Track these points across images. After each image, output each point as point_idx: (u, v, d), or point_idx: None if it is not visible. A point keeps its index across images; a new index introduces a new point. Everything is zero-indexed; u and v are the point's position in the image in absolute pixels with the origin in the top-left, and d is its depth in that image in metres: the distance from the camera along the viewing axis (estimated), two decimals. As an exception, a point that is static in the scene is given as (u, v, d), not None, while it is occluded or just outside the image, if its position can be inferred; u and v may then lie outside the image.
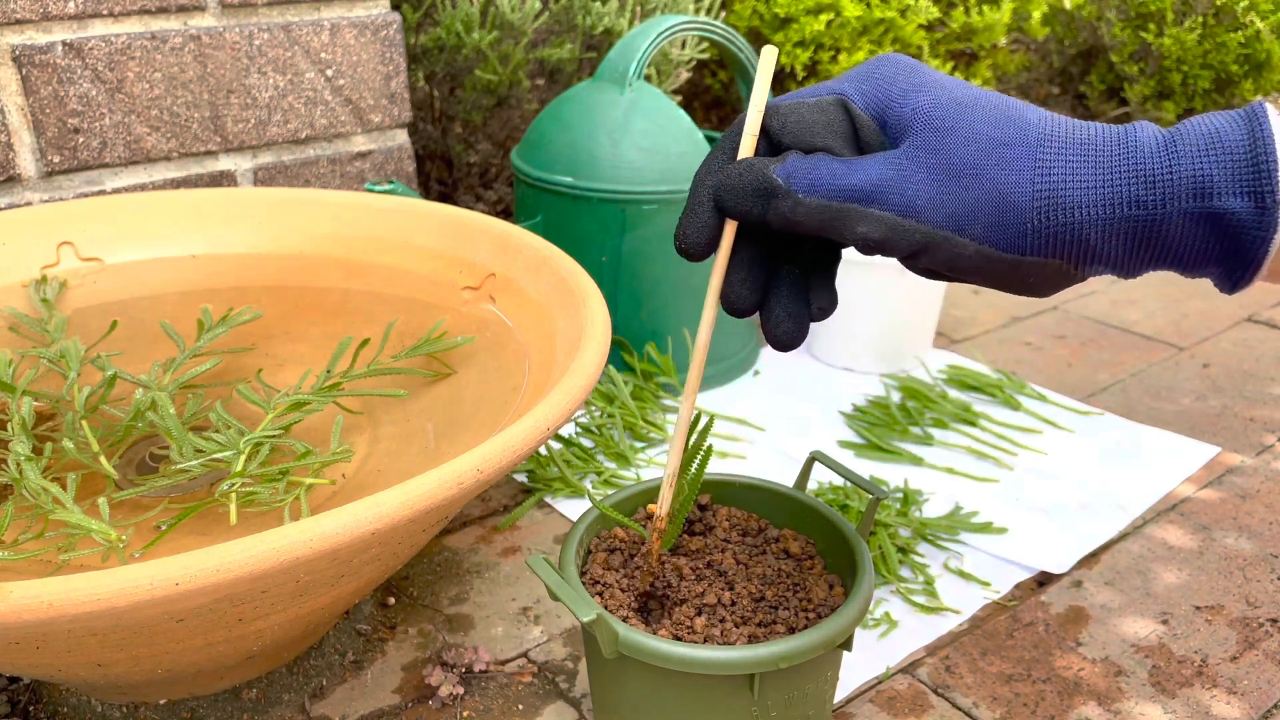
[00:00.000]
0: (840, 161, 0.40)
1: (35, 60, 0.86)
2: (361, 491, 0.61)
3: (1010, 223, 0.38)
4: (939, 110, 0.39)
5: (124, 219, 0.80)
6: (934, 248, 0.39)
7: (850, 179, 0.39)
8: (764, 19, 1.49)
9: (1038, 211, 0.38)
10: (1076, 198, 0.37)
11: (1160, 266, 0.39)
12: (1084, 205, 0.37)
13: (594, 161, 0.91)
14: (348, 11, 1.01)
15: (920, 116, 0.39)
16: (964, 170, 0.38)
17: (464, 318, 0.73)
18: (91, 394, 0.64)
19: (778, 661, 0.45)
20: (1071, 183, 0.37)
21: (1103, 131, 0.38)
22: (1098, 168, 0.37)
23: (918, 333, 1.02)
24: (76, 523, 0.53)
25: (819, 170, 0.39)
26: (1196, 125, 0.37)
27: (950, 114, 0.39)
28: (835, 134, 0.40)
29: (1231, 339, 1.12)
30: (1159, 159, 0.37)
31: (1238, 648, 0.67)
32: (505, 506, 0.82)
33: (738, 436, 0.91)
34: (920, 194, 0.38)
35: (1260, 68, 1.84)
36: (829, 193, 0.39)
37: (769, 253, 0.44)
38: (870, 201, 0.39)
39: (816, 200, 0.39)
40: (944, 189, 0.38)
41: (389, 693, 0.62)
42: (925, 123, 0.39)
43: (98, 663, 0.47)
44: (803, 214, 0.39)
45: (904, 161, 0.39)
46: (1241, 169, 0.36)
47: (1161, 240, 0.37)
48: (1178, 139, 0.37)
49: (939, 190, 0.38)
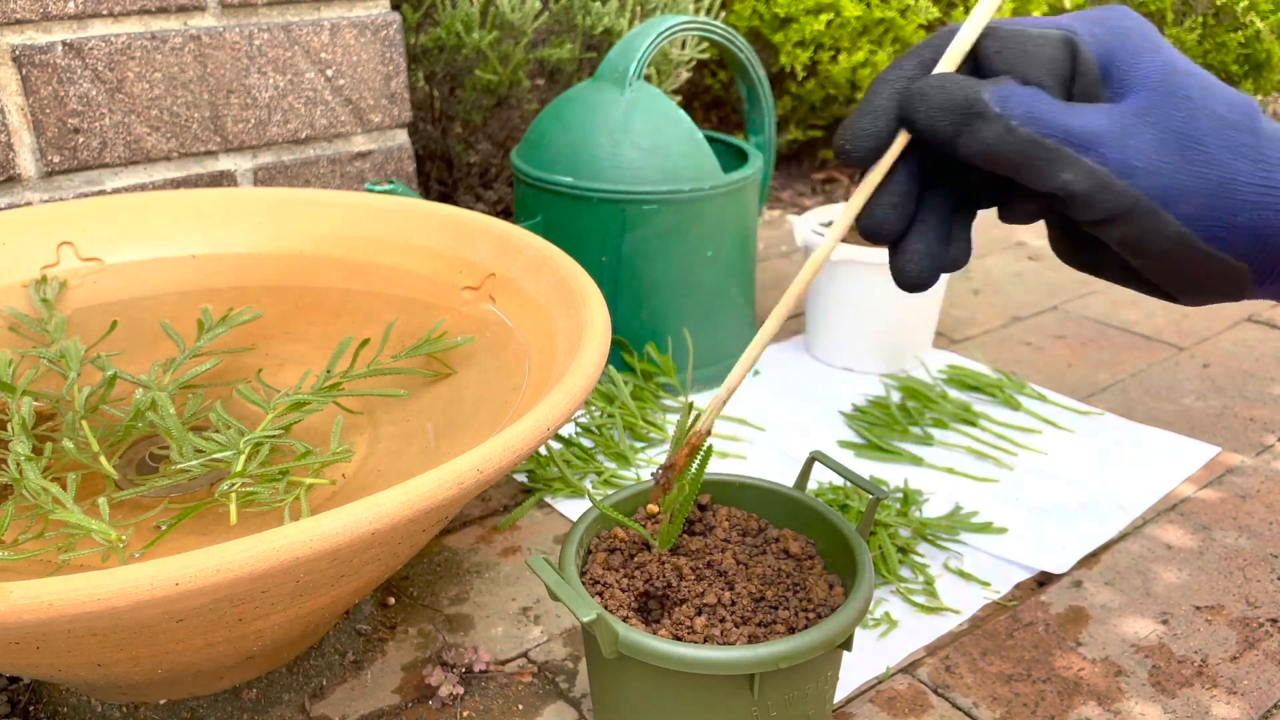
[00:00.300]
0: (1059, 101, 0.37)
1: (35, 60, 0.86)
2: (361, 491, 0.62)
3: (1222, 209, 0.36)
4: (1176, 77, 0.37)
5: (124, 219, 0.80)
6: (1134, 217, 0.36)
7: (1071, 120, 0.36)
8: (764, 19, 1.49)
9: (1253, 205, 0.35)
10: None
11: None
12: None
13: (594, 161, 0.91)
14: (348, 11, 1.01)
15: (1154, 76, 0.36)
16: (1192, 143, 0.36)
17: (464, 318, 0.73)
18: (91, 394, 0.64)
19: (778, 661, 0.45)
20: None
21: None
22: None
23: (918, 333, 1.02)
24: (76, 523, 0.53)
25: (1038, 102, 0.36)
26: None
27: (1187, 83, 0.36)
28: (1053, 73, 0.37)
29: (1231, 339, 1.12)
30: None
31: (1238, 648, 0.67)
32: (505, 506, 0.82)
33: (738, 436, 0.91)
34: (1141, 155, 0.36)
35: (1260, 68, 1.84)
36: (1045, 128, 0.36)
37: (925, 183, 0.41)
38: (1086, 149, 0.36)
39: (1028, 133, 0.36)
40: (1167, 157, 0.36)
41: (389, 693, 0.62)
42: (1160, 85, 0.36)
43: (98, 663, 0.47)
44: (1010, 146, 0.36)
45: (1130, 119, 0.36)
46: None
47: None
48: None
49: (1162, 157, 0.36)
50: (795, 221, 1.01)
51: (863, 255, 0.95)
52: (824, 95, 1.54)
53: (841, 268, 0.97)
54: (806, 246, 1.00)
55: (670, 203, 0.90)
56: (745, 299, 1.01)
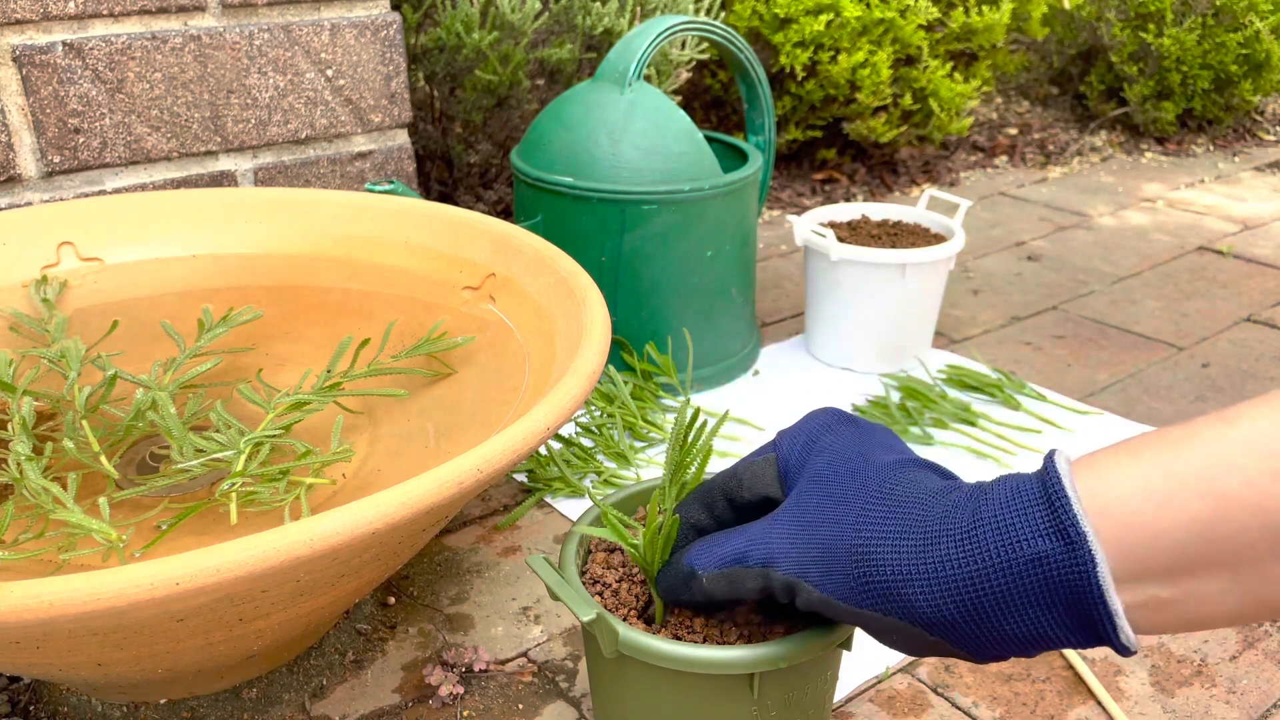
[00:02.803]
0: (731, 532, 0.45)
1: (35, 60, 0.86)
2: (362, 491, 0.62)
3: (838, 574, 0.40)
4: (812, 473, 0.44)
5: (124, 219, 0.80)
6: (797, 592, 0.42)
7: (730, 544, 0.44)
8: (764, 19, 1.49)
9: (855, 565, 0.39)
10: (884, 554, 0.39)
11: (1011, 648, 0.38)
12: (893, 562, 0.38)
13: (594, 161, 0.91)
14: (348, 12, 1.01)
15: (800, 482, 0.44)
16: (809, 524, 0.42)
17: (464, 318, 0.74)
18: (92, 394, 0.65)
19: (777, 661, 0.45)
20: (880, 537, 0.39)
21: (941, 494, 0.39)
22: (908, 525, 0.39)
23: (917, 333, 1.02)
24: (77, 522, 0.53)
25: (710, 547, 0.45)
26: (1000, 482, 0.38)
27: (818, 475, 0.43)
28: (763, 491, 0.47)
29: (1231, 339, 1.12)
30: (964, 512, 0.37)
31: (1237, 648, 0.67)
32: (505, 506, 0.82)
33: (738, 436, 0.91)
34: (777, 546, 0.43)
35: (1259, 68, 1.84)
36: (717, 562, 0.44)
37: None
38: (746, 560, 0.43)
39: (713, 573, 0.44)
40: (794, 541, 0.42)
41: (389, 692, 0.63)
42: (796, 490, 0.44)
43: (98, 662, 0.47)
44: (712, 589, 0.45)
45: (775, 518, 0.44)
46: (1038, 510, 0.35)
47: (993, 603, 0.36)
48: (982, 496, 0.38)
49: (791, 542, 0.42)
50: (795, 221, 1.02)
51: (863, 255, 0.95)
52: (824, 95, 1.54)
53: (842, 268, 0.97)
54: (806, 246, 1.00)
55: (670, 203, 0.90)
56: (745, 299, 1.01)
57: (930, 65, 1.56)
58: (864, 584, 0.39)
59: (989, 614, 0.37)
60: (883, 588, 0.39)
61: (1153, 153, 1.89)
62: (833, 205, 1.10)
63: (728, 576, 0.44)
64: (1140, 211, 1.55)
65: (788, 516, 0.43)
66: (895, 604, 0.39)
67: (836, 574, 0.40)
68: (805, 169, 1.69)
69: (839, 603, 0.40)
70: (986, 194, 1.63)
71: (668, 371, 0.95)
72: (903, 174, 1.69)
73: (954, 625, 0.38)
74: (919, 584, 0.38)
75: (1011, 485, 0.37)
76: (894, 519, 0.39)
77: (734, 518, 0.48)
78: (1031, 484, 0.37)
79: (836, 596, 0.40)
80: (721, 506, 0.48)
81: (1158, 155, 1.87)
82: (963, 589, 0.37)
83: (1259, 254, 1.37)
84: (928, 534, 0.38)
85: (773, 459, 0.47)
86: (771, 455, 0.47)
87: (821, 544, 0.41)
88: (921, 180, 1.67)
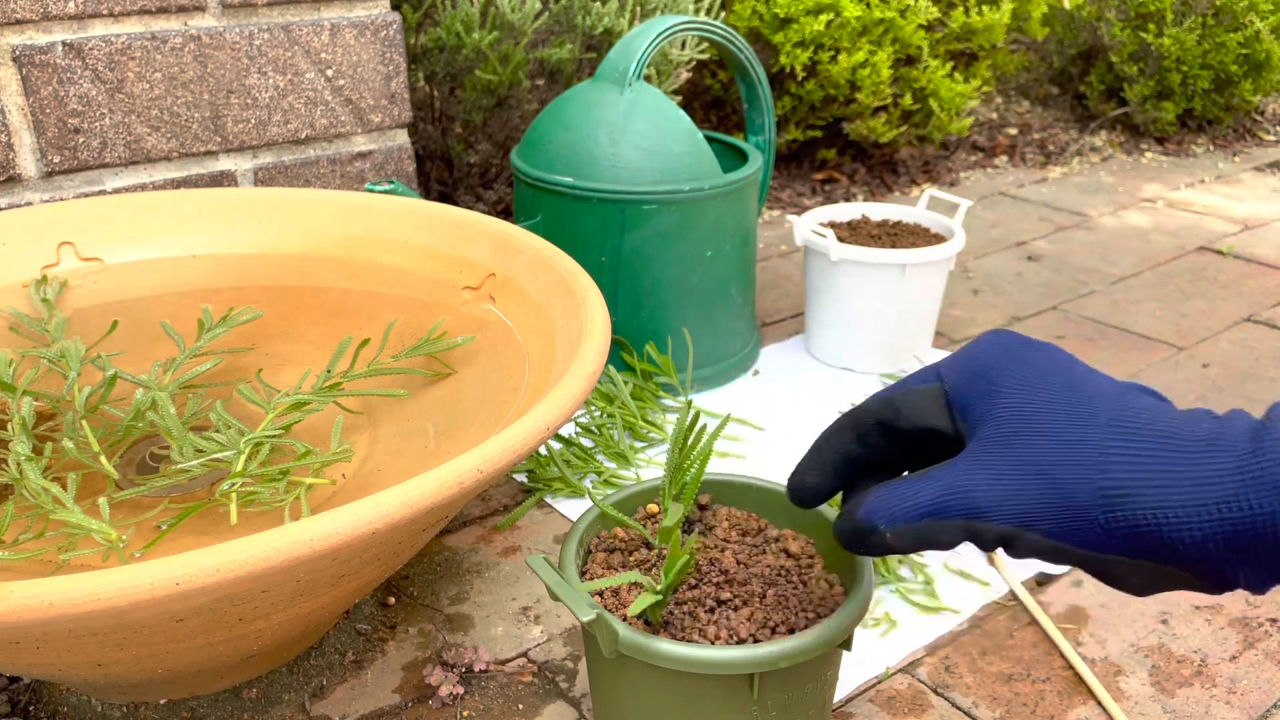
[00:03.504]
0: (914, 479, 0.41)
1: (35, 60, 0.86)
2: (362, 491, 0.62)
3: (1077, 521, 0.37)
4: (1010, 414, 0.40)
5: (124, 219, 0.80)
6: (1016, 542, 0.39)
7: (920, 496, 0.41)
8: (764, 19, 1.49)
9: (1103, 509, 0.37)
10: (1144, 495, 0.36)
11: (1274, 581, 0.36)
12: (1157, 505, 0.35)
13: (594, 161, 0.91)
14: (348, 12, 1.01)
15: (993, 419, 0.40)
16: (1030, 467, 0.38)
17: (464, 318, 0.74)
18: (92, 394, 0.65)
19: (778, 661, 0.45)
20: (1135, 480, 0.36)
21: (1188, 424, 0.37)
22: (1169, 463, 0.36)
23: (917, 333, 1.02)
24: (77, 522, 0.53)
25: (892, 500, 0.41)
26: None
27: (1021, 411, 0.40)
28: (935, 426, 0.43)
29: (1231, 339, 1.12)
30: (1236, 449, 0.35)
31: (1237, 648, 0.67)
32: (505, 506, 0.82)
33: (738, 436, 0.91)
34: (987, 494, 0.39)
35: (1260, 68, 1.84)
36: (907, 517, 0.41)
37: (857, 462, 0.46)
38: (946, 513, 0.40)
39: (900, 528, 0.41)
40: (1011, 487, 0.39)
41: (389, 692, 0.63)
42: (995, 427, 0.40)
43: (98, 662, 0.47)
44: (897, 545, 0.41)
45: (969, 466, 0.40)
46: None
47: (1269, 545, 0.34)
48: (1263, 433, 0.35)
49: (1005, 488, 0.39)
50: (795, 221, 1.02)
51: (862, 256, 0.95)
52: (824, 95, 1.54)
53: (842, 268, 0.97)
54: (806, 246, 1.00)
55: (670, 203, 0.90)
56: (745, 299, 1.01)
57: (930, 65, 1.56)
58: (1115, 528, 0.36)
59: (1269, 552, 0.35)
60: (1140, 531, 0.36)
61: (1153, 153, 1.89)
62: (833, 205, 1.10)
63: (917, 531, 0.41)
64: (1140, 211, 1.55)
65: (993, 459, 0.39)
66: (1153, 546, 0.36)
67: (1075, 519, 0.37)
68: (805, 169, 1.69)
69: (1075, 548, 0.38)
70: (986, 194, 1.63)
71: (668, 371, 0.95)
72: (903, 174, 1.69)
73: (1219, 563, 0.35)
74: (1187, 527, 0.35)
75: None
76: (1149, 457, 0.36)
77: (888, 448, 0.45)
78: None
79: (1073, 543, 0.38)
80: (875, 435, 0.45)
81: (1158, 155, 1.87)
82: (1242, 531, 0.34)
83: (1259, 254, 1.37)
84: (1195, 473, 0.35)
85: (938, 390, 0.43)
86: (937, 385, 0.43)
87: (1054, 487, 0.38)
88: (921, 180, 1.67)
